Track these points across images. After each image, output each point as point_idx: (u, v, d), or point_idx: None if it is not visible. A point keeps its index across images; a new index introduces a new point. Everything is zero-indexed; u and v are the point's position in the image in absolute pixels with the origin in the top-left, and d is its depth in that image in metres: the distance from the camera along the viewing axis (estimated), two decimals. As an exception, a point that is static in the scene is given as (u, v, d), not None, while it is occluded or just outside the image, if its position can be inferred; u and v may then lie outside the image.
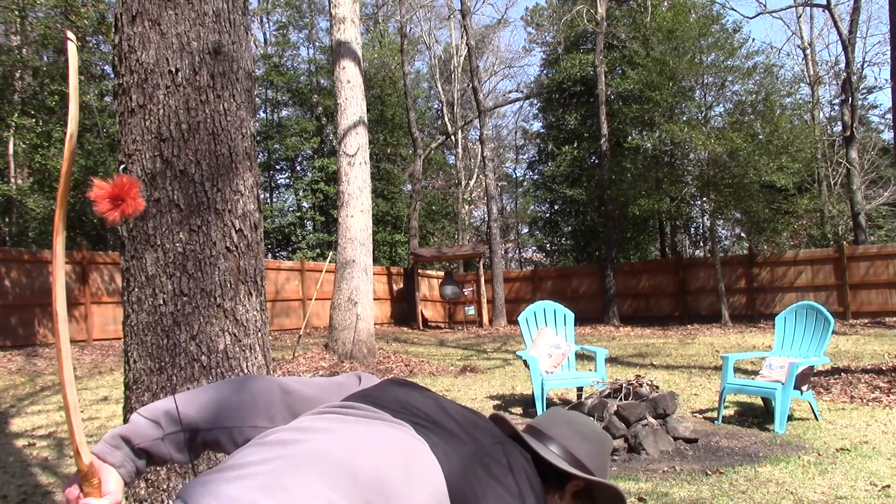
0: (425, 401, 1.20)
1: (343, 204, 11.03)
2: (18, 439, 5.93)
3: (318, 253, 25.03)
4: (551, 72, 28.97)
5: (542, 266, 30.07)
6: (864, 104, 28.64)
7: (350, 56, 11.16)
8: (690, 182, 18.20)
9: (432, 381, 9.07)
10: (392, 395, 1.18)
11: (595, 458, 1.30)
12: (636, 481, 4.23)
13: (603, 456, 1.33)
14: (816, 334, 6.11)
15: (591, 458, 1.29)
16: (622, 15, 24.14)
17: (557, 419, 1.35)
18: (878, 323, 14.79)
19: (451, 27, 32.33)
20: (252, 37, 6.28)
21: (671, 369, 9.50)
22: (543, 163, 31.26)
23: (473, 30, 23.83)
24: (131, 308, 2.51)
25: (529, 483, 1.12)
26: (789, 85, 20.55)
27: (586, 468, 1.28)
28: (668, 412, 5.18)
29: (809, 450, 4.90)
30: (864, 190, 23.19)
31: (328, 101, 26.31)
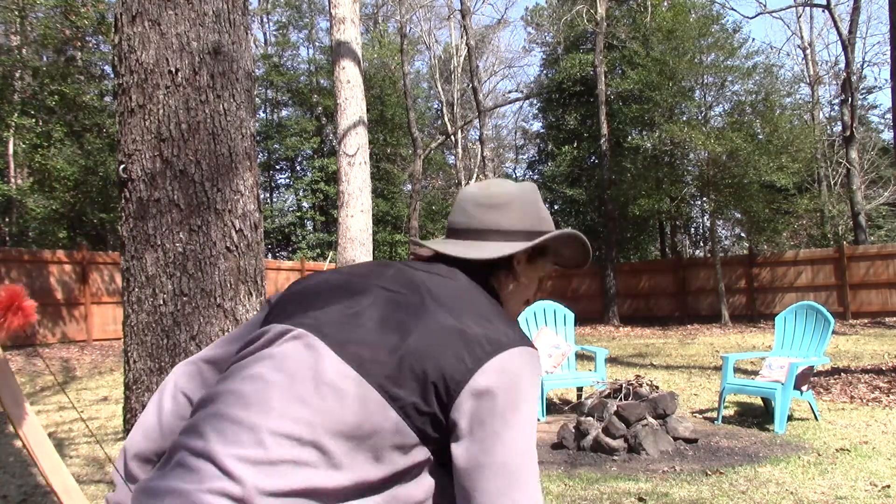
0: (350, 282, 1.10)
1: (343, 204, 11.02)
2: (18, 439, 5.92)
3: (318, 253, 25.03)
4: (551, 72, 28.97)
5: (542, 266, 30.01)
6: (864, 104, 28.64)
7: (350, 56, 11.16)
8: (690, 182, 18.20)
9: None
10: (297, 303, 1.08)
11: (521, 217, 1.20)
12: (636, 481, 4.23)
13: (527, 207, 1.22)
14: (816, 334, 6.11)
15: (517, 220, 1.20)
16: (622, 15, 24.14)
17: (464, 203, 1.23)
18: (878, 323, 14.79)
19: (451, 27, 32.32)
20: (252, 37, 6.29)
21: (671, 369, 9.50)
22: (543, 163, 31.26)
23: (473, 30, 23.82)
24: (131, 308, 2.51)
25: (472, 303, 1.05)
26: (789, 85, 20.57)
27: (518, 233, 1.19)
28: (668, 412, 5.18)
29: (809, 450, 4.90)
30: (864, 190, 23.20)
31: (328, 101, 26.33)
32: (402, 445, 0.95)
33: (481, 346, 0.98)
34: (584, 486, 4.18)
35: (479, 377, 0.95)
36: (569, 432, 5.20)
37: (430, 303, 1.03)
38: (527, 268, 1.22)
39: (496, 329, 1.02)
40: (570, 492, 4.06)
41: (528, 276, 1.23)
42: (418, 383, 0.95)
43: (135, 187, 2.50)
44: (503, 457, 0.94)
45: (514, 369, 0.98)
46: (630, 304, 19.98)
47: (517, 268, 1.20)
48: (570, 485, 4.21)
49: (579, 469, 4.60)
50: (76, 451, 5.47)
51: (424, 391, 0.95)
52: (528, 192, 1.24)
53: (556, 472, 4.52)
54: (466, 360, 0.96)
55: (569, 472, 4.52)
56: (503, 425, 0.95)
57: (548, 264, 1.27)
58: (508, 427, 0.95)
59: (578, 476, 4.41)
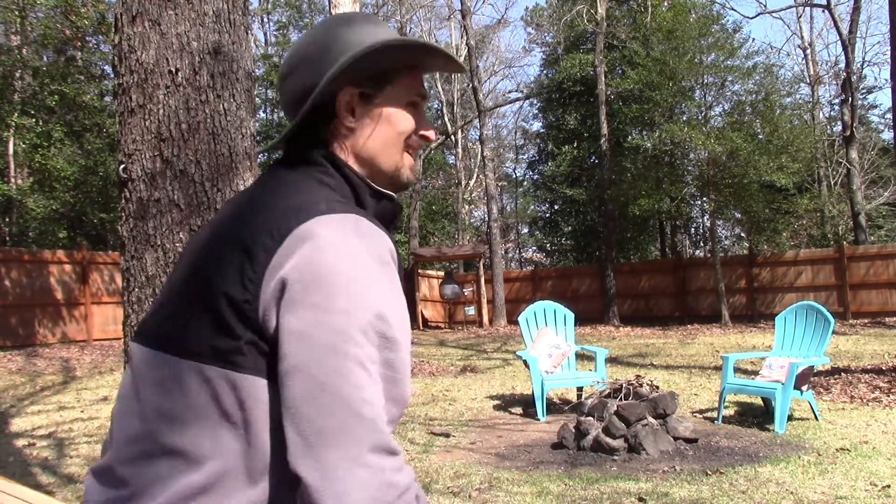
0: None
1: (343, 204, 11.03)
2: (18, 439, 5.93)
3: (318, 253, 25.03)
4: (551, 72, 28.98)
5: (542, 266, 30.07)
6: (864, 104, 28.65)
7: (350, 56, 11.16)
8: (690, 182, 18.21)
9: (432, 381, 9.07)
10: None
11: (315, 63, 0.96)
12: (636, 481, 4.23)
13: (317, 48, 0.97)
14: (816, 334, 6.11)
15: (312, 71, 0.96)
16: (622, 15, 24.15)
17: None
18: (878, 323, 14.79)
19: (451, 27, 32.34)
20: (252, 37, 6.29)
21: (671, 369, 9.50)
22: (543, 163, 31.27)
23: (473, 30, 23.82)
24: (131, 308, 2.51)
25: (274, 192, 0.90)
26: (789, 85, 20.57)
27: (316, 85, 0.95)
28: (668, 412, 5.18)
29: (809, 450, 4.90)
30: (864, 190, 23.20)
31: (328, 101, 26.28)
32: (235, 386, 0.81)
33: (270, 231, 0.82)
34: (584, 485, 4.18)
35: (276, 265, 0.80)
36: (569, 432, 5.21)
37: (224, 216, 0.91)
38: (370, 105, 0.97)
39: (297, 203, 0.85)
40: (570, 492, 4.06)
41: (378, 112, 0.97)
42: (211, 313, 0.82)
43: (135, 187, 2.50)
44: (307, 356, 0.76)
45: (317, 244, 0.79)
46: (630, 304, 19.98)
47: (349, 114, 0.97)
48: (570, 485, 4.21)
49: (579, 469, 4.60)
50: (76, 450, 5.47)
51: (218, 319, 0.81)
52: (317, 33, 0.99)
53: (556, 472, 4.53)
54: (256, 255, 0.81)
55: (569, 472, 4.52)
56: (310, 315, 0.77)
57: (405, 84, 0.99)
58: (316, 316, 0.76)
59: (578, 476, 4.41)
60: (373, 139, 0.98)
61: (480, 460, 4.94)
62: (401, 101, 0.99)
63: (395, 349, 0.80)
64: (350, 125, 0.97)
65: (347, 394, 0.74)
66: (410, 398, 0.87)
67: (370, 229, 0.84)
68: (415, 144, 1.02)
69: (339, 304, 0.77)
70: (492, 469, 4.65)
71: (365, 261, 0.80)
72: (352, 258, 0.79)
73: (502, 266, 21.03)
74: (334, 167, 0.96)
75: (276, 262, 0.80)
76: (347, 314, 0.77)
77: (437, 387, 8.55)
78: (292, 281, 0.78)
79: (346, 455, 0.73)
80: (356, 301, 0.77)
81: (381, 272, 0.81)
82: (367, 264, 0.80)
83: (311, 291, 0.77)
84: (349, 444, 0.73)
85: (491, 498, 4.00)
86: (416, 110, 1.01)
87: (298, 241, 0.80)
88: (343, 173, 0.95)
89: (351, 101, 0.97)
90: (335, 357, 0.75)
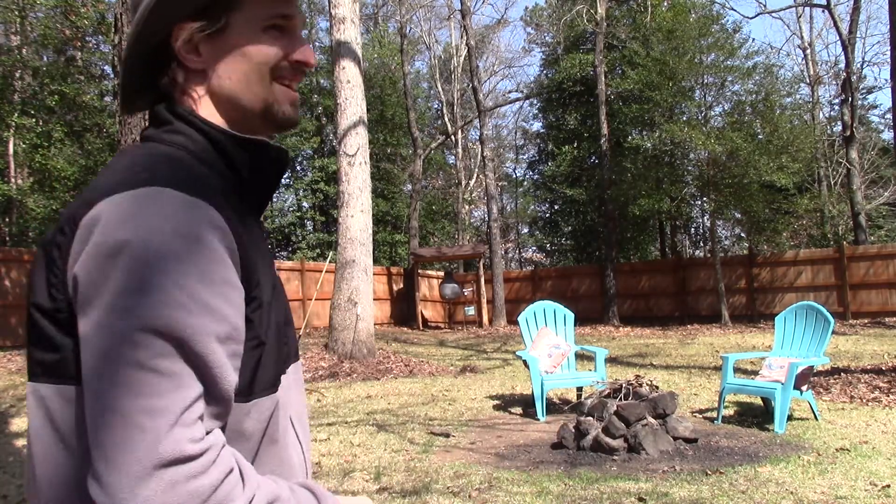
0: None
1: (343, 204, 11.03)
2: (18, 439, 5.93)
3: (318, 253, 25.04)
4: (551, 72, 28.99)
5: (542, 266, 30.07)
6: (864, 104, 28.66)
7: (350, 56, 11.16)
8: (690, 182, 18.21)
9: (432, 381, 9.07)
10: None
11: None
12: (636, 481, 4.23)
13: None
14: (816, 334, 6.11)
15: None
16: (622, 15, 24.15)
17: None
18: (878, 323, 14.79)
19: (451, 27, 32.33)
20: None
21: (671, 369, 9.50)
22: (543, 163, 31.28)
23: (473, 30, 23.83)
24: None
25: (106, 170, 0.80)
26: (789, 85, 20.56)
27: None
28: (667, 412, 5.18)
29: (809, 450, 4.90)
30: (864, 190, 23.20)
31: (328, 101, 26.30)
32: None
33: (62, 226, 0.74)
34: (584, 485, 4.18)
35: (71, 263, 0.72)
36: (569, 432, 5.21)
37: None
38: (218, 39, 0.84)
39: (98, 185, 0.75)
40: (570, 492, 4.06)
41: (229, 45, 0.84)
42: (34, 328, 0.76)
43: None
44: (90, 366, 0.68)
45: (103, 231, 0.69)
46: (630, 304, 19.98)
47: (193, 54, 0.84)
48: (570, 485, 4.21)
49: (579, 469, 4.60)
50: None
51: (39, 332, 0.75)
52: None
53: (556, 472, 4.53)
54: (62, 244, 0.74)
55: (569, 472, 4.52)
56: (94, 316, 0.68)
57: (258, 4, 0.85)
58: (98, 318, 0.68)
59: (578, 476, 4.41)
60: (229, 78, 0.85)
61: (480, 460, 4.94)
62: (255, 27, 0.84)
63: (197, 342, 0.68)
64: (198, 66, 0.84)
65: (125, 405, 0.65)
66: (232, 392, 0.73)
67: (175, 200, 0.71)
68: (288, 74, 0.88)
69: (121, 302, 0.66)
70: (492, 469, 4.65)
71: (161, 243, 0.68)
72: (142, 242, 0.67)
73: (502, 266, 21.03)
74: (184, 122, 0.83)
75: (71, 260, 0.71)
76: (128, 312, 0.66)
77: (436, 387, 8.55)
78: (80, 278, 0.69)
79: (129, 474, 0.64)
80: (142, 295, 0.66)
81: (187, 253, 0.69)
82: (163, 247, 0.68)
83: (97, 287, 0.68)
84: (130, 462, 0.64)
85: (491, 498, 4.00)
86: (284, 33, 0.87)
87: (86, 231, 0.70)
88: (196, 126, 0.83)
89: (192, 39, 0.83)
90: (111, 364, 0.66)
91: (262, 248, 0.87)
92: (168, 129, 0.83)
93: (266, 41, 0.85)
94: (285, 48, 0.86)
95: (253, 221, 0.88)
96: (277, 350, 0.84)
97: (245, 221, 0.83)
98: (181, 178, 0.75)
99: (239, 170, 0.86)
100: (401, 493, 4.13)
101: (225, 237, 0.74)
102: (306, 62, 0.88)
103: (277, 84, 0.87)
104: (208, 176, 0.81)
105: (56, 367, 0.74)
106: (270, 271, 0.87)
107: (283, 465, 0.87)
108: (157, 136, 0.83)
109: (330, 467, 4.79)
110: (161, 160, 0.78)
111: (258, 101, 0.86)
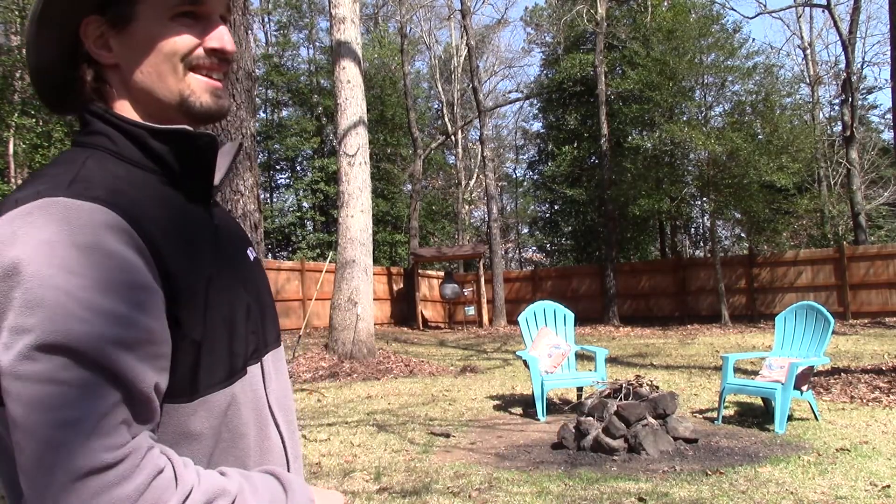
0: None
1: (343, 204, 11.03)
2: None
3: (318, 253, 25.04)
4: (551, 72, 29.00)
5: (542, 266, 30.08)
6: (864, 104, 28.65)
7: (350, 56, 11.16)
8: (690, 182, 18.22)
9: (432, 381, 9.08)
10: None
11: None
12: (636, 481, 4.23)
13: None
14: (816, 334, 6.11)
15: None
16: (622, 15, 24.16)
17: None
18: (878, 323, 14.79)
19: (451, 27, 32.33)
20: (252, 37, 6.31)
21: (671, 369, 9.50)
22: (543, 163, 31.28)
23: (473, 30, 23.83)
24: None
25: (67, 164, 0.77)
26: (789, 85, 20.58)
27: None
28: (668, 412, 5.18)
29: (809, 450, 4.90)
30: (864, 190, 23.20)
31: (328, 101, 26.33)
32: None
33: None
34: (584, 486, 4.18)
35: None
36: (569, 432, 5.21)
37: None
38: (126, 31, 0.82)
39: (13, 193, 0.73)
40: (570, 492, 4.06)
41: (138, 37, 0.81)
42: None
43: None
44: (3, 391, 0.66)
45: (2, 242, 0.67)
46: (630, 304, 19.98)
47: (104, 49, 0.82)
48: (570, 485, 4.21)
49: (579, 469, 4.60)
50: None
51: None
52: None
53: (556, 472, 4.53)
54: None
55: (569, 472, 4.52)
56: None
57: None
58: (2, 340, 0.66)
59: (578, 476, 4.41)
60: (140, 70, 0.82)
61: (480, 460, 4.94)
62: (163, 15, 0.81)
63: (100, 350, 0.67)
64: (110, 62, 0.82)
65: (36, 423, 0.64)
66: (152, 394, 0.71)
67: (69, 210, 0.69)
68: (205, 63, 0.84)
69: (19, 321, 0.65)
70: (492, 469, 4.65)
71: (52, 256, 0.66)
72: (32, 259, 0.66)
73: (502, 266, 21.04)
74: (101, 120, 0.81)
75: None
76: (26, 331, 0.65)
77: (437, 387, 8.55)
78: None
79: (49, 494, 0.64)
80: (36, 313, 0.65)
81: (83, 263, 0.67)
82: (55, 260, 0.66)
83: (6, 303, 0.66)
84: (49, 482, 0.64)
85: (491, 498, 4.00)
86: (198, 20, 0.83)
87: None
88: (112, 124, 0.81)
89: (102, 34, 0.81)
90: (19, 385, 0.64)
91: (212, 236, 0.85)
92: (88, 130, 0.82)
93: (175, 31, 0.81)
94: (199, 36, 0.83)
95: (202, 210, 0.86)
96: (229, 343, 0.82)
97: (186, 212, 0.82)
98: (83, 184, 0.73)
99: (165, 162, 0.83)
100: (401, 493, 4.13)
101: (131, 239, 0.71)
102: (221, 49, 0.84)
103: (194, 74, 0.83)
104: (127, 174, 0.78)
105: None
106: (220, 261, 0.84)
107: (265, 456, 0.86)
108: (80, 140, 0.82)
109: (330, 467, 4.79)
110: (66, 168, 0.75)
111: (173, 93, 0.83)
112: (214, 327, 0.80)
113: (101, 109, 0.82)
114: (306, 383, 9.08)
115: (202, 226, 0.85)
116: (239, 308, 0.85)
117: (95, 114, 0.82)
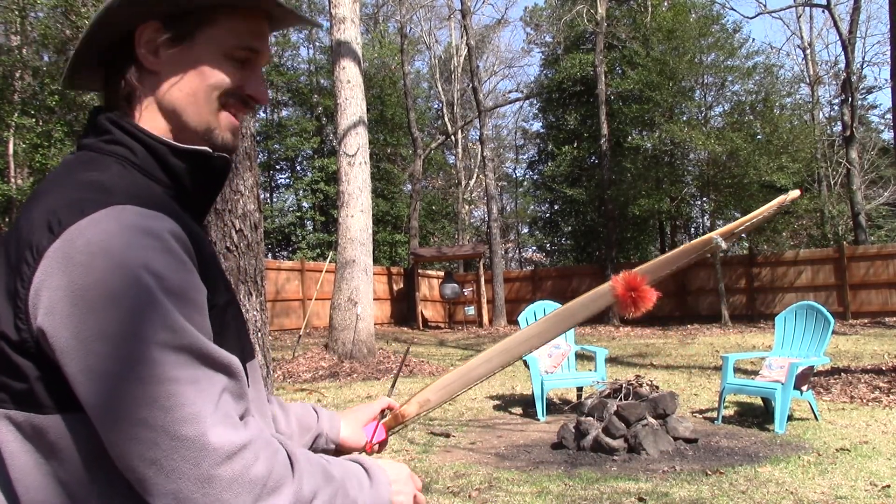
0: None
1: (343, 204, 11.03)
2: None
3: (318, 253, 25.04)
4: (551, 72, 29.00)
5: (542, 266, 30.08)
6: (864, 104, 28.66)
7: (350, 56, 11.16)
8: (690, 182, 18.23)
9: (432, 381, 9.06)
10: None
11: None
12: (636, 481, 4.23)
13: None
14: (816, 334, 6.11)
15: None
16: (622, 15, 24.16)
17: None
18: (878, 323, 14.79)
19: (451, 27, 32.33)
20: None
21: (671, 369, 9.50)
22: (543, 163, 31.29)
23: (473, 30, 23.83)
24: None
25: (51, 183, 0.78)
26: (789, 85, 20.61)
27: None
28: (668, 412, 5.18)
29: (809, 450, 4.90)
30: (864, 190, 23.21)
31: (328, 101, 26.31)
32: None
33: (24, 256, 0.70)
34: (584, 485, 4.18)
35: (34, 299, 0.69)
36: (569, 432, 5.21)
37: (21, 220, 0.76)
38: (180, 47, 0.83)
39: (52, 205, 0.72)
40: (570, 492, 4.06)
41: (189, 57, 0.83)
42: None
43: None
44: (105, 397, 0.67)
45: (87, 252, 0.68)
46: (630, 304, 19.97)
47: (151, 53, 0.83)
48: (570, 485, 4.21)
49: (579, 469, 4.60)
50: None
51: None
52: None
53: (556, 472, 4.53)
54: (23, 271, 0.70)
55: (569, 472, 4.52)
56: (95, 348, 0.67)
57: (230, 29, 0.84)
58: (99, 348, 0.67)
59: (578, 476, 4.41)
60: (178, 88, 0.83)
61: (480, 460, 4.94)
62: (218, 49, 0.83)
63: (195, 341, 0.70)
64: (153, 68, 0.82)
65: (162, 421, 0.66)
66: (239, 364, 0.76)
67: (138, 217, 0.71)
68: (236, 104, 0.87)
69: (115, 328, 0.66)
70: (492, 469, 4.65)
71: (136, 261, 0.69)
72: (120, 268, 0.67)
73: (502, 266, 21.04)
74: (123, 131, 0.81)
75: (34, 292, 0.69)
76: (132, 336, 0.67)
77: (437, 387, 8.55)
78: (59, 322, 0.67)
79: (193, 478, 0.66)
80: (136, 317, 0.67)
81: (163, 266, 0.71)
82: (139, 265, 0.69)
83: (82, 325, 0.67)
84: (189, 471, 0.66)
85: (491, 498, 4.00)
86: (245, 66, 0.86)
87: (54, 265, 0.68)
88: (134, 136, 0.81)
89: (154, 39, 0.82)
90: (130, 387, 0.66)
91: (211, 251, 0.88)
92: (107, 138, 0.82)
93: (225, 67, 0.84)
94: (241, 80, 0.86)
95: (198, 228, 0.88)
96: (240, 350, 0.85)
97: (197, 230, 0.84)
98: (135, 192, 0.75)
99: (180, 179, 0.84)
100: (401, 493, 4.12)
101: (185, 245, 0.74)
102: (258, 99, 0.88)
103: (224, 111, 0.86)
104: (150, 186, 0.81)
105: (26, 396, 0.71)
106: (222, 274, 0.89)
107: None
108: (96, 145, 0.82)
109: (330, 467, 4.79)
110: (113, 174, 0.77)
111: (202, 122, 0.85)
112: (232, 348, 0.81)
113: (127, 120, 0.83)
114: (306, 383, 9.08)
115: (209, 244, 0.88)
116: (242, 325, 0.90)
117: (118, 124, 0.82)
